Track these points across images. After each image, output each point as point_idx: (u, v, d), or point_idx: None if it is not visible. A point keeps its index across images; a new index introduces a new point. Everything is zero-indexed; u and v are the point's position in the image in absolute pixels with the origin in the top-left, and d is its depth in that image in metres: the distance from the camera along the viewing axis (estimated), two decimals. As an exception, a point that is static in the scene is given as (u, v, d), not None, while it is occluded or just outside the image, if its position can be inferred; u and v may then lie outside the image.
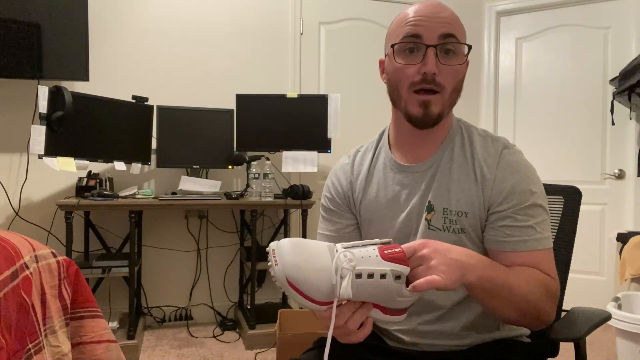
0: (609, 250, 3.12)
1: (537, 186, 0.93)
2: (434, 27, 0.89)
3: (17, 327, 0.97)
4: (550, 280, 0.88)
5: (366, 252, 0.72)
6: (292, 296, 0.71)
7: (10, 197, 2.67)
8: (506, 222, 0.90)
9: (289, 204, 2.70)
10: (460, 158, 0.96)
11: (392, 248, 0.73)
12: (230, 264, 3.08)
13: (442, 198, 0.94)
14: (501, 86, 3.51)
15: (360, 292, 0.71)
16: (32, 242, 1.14)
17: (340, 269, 0.69)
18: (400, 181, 0.99)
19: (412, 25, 0.90)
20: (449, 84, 0.90)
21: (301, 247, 0.72)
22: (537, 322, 0.86)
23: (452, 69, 0.90)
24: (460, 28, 0.93)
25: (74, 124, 2.44)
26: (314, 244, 0.74)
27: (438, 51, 0.89)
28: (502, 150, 0.94)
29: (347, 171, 1.08)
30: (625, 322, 2.00)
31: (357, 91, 3.26)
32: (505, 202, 0.90)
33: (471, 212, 0.92)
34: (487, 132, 1.00)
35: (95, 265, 2.43)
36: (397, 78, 0.93)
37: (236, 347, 2.59)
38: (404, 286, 0.72)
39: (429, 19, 0.89)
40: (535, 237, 0.89)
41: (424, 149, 0.98)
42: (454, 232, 0.93)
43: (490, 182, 0.92)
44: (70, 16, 2.56)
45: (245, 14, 3.08)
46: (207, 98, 3.00)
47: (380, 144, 1.07)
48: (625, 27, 3.11)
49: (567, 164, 3.26)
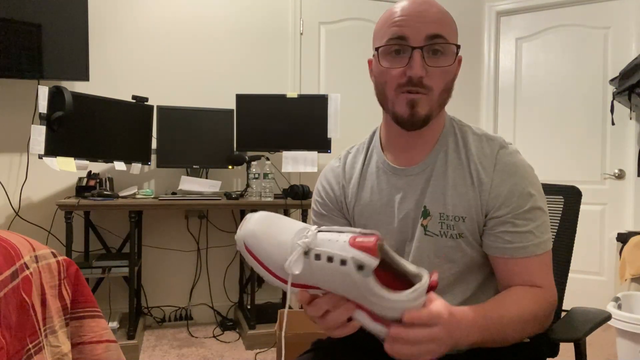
0: (609, 250, 3.12)
1: (535, 187, 0.91)
2: (420, 27, 0.85)
3: (17, 327, 0.97)
4: (545, 292, 0.88)
5: (336, 237, 0.67)
6: (250, 262, 0.72)
7: (10, 197, 2.67)
8: (506, 227, 0.88)
9: (289, 204, 2.70)
10: (455, 160, 0.93)
11: (365, 237, 0.65)
12: (230, 264, 3.08)
13: (438, 203, 0.92)
14: (501, 86, 3.51)
15: (319, 275, 0.67)
16: (32, 242, 1.14)
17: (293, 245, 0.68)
18: (394, 185, 0.97)
19: (398, 26, 0.86)
20: (438, 85, 0.87)
21: (270, 219, 0.73)
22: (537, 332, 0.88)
23: (440, 70, 0.87)
24: (449, 26, 0.88)
25: (74, 124, 2.44)
26: (287, 221, 0.74)
27: (425, 52, 0.85)
28: (499, 150, 0.92)
29: (338, 174, 1.05)
30: (625, 322, 2.00)
31: (357, 91, 3.26)
32: (503, 206, 0.89)
33: (469, 216, 0.90)
34: (483, 131, 0.97)
35: (95, 265, 2.44)
36: (383, 80, 0.90)
37: (236, 347, 2.59)
38: (373, 283, 0.64)
39: (415, 18, 0.86)
40: (534, 242, 0.88)
41: (417, 150, 0.95)
42: (451, 237, 0.91)
43: (488, 185, 0.90)
44: (70, 16, 2.56)
45: (245, 13, 3.08)
46: (207, 98, 3.00)
47: (371, 145, 1.04)
48: (625, 27, 3.11)
49: (567, 164, 3.26)
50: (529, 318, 0.84)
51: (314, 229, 0.70)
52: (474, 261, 0.93)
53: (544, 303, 0.87)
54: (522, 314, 0.83)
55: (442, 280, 0.93)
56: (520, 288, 0.88)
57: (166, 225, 2.97)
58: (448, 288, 0.94)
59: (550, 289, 0.90)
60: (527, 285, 0.88)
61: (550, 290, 0.90)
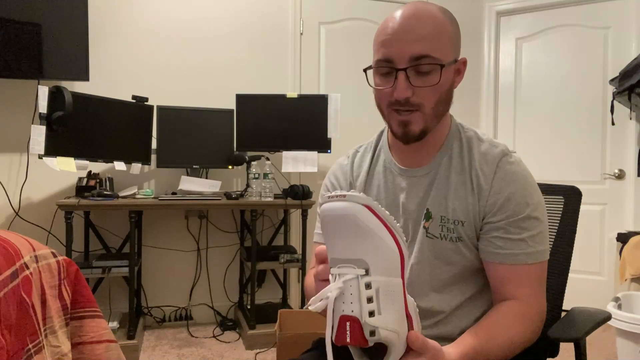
0: (609, 250, 3.12)
1: (534, 197, 0.91)
2: (405, 49, 0.85)
3: (17, 327, 0.97)
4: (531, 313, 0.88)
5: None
6: (371, 225, 0.69)
7: (10, 197, 2.67)
8: (498, 233, 0.90)
9: (289, 204, 2.70)
10: (458, 165, 0.95)
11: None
12: (230, 264, 3.08)
13: (440, 206, 0.94)
14: (501, 86, 3.51)
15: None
16: (32, 242, 1.14)
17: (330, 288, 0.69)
18: (399, 185, 0.99)
19: (385, 47, 0.87)
20: (428, 100, 0.88)
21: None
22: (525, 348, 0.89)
23: (429, 88, 0.87)
24: (438, 41, 0.86)
25: (74, 124, 2.44)
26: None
27: (409, 73, 0.86)
28: (501, 158, 0.93)
29: (346, 172, 1.07)
30: (625, 322, 2.00)
31: (357, 91, 3.26)
32: (499, 213, 0.90)
33: (467, 220, 0.92)
34: (488, 138, 0.98)
35: (95, 265, 2.43)
36: (377, 96, 0.93)
37: (236, 347, 2.59)
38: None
39: (401, 38, 0.85)
40: (526, 250, 0.89)
41: (422, 153, 0.97)
42: (451, 240, 0.92)
43: (486, 192, 0.91)
44: (70, 16, 2.56)
45: (245, 14, 3.08)
46: (207, 98, 3.00)
47: (379, 145, 1.07)
48: (625, 27, 3.11)
49: (567, 164, 3.26)
50: (518, 342, 0.86)
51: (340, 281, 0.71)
52: (473, 265, 0.94)
53: (532, 324, 0.88)
54: (511, 339, 0.85)
55: (441, 282, 0.94)
56: (509, 310, 0.88)
57: (166, 225, 2.97)
58: (446, 289, 0.94)
59: (538, 304, 0.90)
60: (514, 299, 0.89)
61: (539, 305, 0.90)
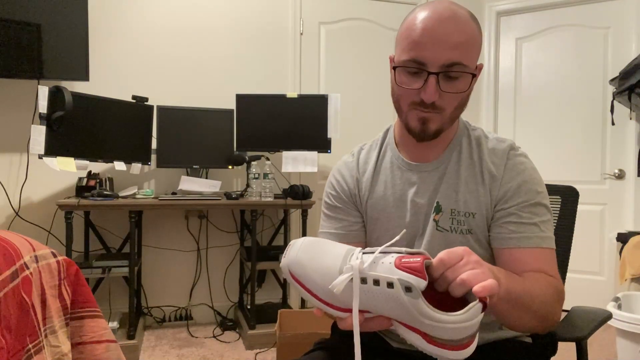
0: (609, 250, 3.12)
1: (542, 187, 0.95)
2: (439, 54, 0.84)
3: (17, 327, 0.97)
4: (558, 282, 0.89)
5: (382, 258, 0.65)
6: (297, 289, 0.72)
7: (10, 197, 2.67)
8: (511, 218, 0.91)
9: (289, 204, 2.70)
10: (468, 160, 0.97)
11: (412, 257, 0.64)
12: (230, 264, 3.08)
13: (450, 199, 0.95)
14: (501, 86, 3.51)
15: (367, 299, 0.65)
16: (32, 242, 1.14)
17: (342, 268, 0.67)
18: (408, 179, 0.99)
19: (419, 50, 0.85)
20: (451, 105, 0.89)
21: (314, 245, 0.72)
22: (551, 326, 0.87)
23: (454, 94, 0.88)
24: (471, 48, 0.87)
25: (74, 124, 2.44)
26: (331, 245, 0.72)
27: (440, 78, 0.86)
28: (509, 151, 0.96)
29: (352, 168, 1.07)
30: (625, 322, 2.00)
31: (357, 91, 3.26)
32: (511, 199, 0.92)
33: (479, 212, 0.93)
34: (494, 135, 1.01)
35: (95, 265, 2.43)
36: (399, 93, 0.92)
37: (236, 347, 2.59)
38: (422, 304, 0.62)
39: (436, 42, 0.84)
40: (539, 234, 0.90)
41: (430, 149, 0.98)
42: (461, 233, 0.93)
43: (498, 181, 0.93)
44: (70, 16, 2.56)
45: (245, 14, 3.08)
46: (207, 98, 3.00)
47: (386, 141, 1.07)
48: (625, 27, 3.11)
49: (567, 164, 3.26)
50: (549, 289, 0.84)
51: (358, 252, 0.69)
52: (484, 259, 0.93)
53: (559, 294, 0.87)
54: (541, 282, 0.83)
55: None
56: (536, 273, 0.87)
57: (166, 225, 2.97)
58: None
59: (559, 280, 0.90)
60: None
61: (560, 282, 0.91)
